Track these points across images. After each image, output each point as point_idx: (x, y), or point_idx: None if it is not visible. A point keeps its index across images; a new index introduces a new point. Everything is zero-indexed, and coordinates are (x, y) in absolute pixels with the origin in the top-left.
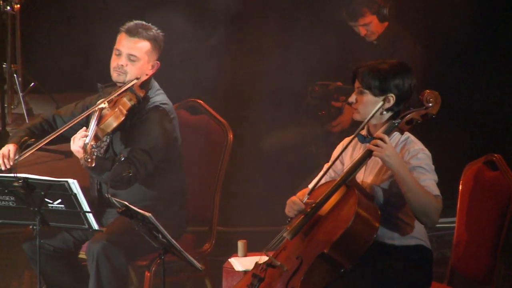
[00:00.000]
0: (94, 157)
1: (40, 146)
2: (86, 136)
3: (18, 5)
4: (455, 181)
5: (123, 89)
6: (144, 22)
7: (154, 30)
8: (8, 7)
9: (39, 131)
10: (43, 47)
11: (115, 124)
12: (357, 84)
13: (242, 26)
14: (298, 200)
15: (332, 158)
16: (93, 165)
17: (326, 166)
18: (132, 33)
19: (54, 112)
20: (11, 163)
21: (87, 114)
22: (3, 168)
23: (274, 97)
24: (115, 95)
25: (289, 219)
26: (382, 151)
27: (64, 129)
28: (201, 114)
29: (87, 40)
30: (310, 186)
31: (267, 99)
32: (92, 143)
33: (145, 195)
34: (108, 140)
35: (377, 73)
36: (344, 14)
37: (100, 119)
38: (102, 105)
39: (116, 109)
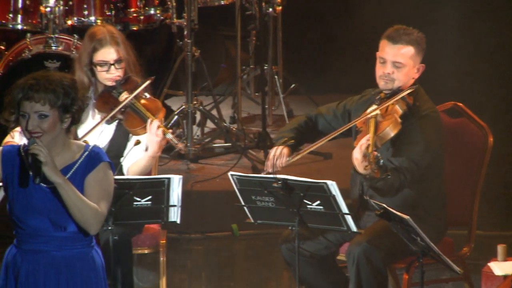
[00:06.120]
0: (379, 166)
1: (310, 150)
2: (368, 144)
3: (280, 7)
4: None
5: (400, 96)
6: (405, 26)
7: (416, 33)
8: (270, 9)
9: (305, 130)
10: (302, 49)
11: (392, 134)
12: None
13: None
14: None
15: None
16: (379, 175)
17: None
18: (394, 40)
19: (316, 111)
20: (283, 166)
21: (361, 120)
22: (270, 170)
23: None
24: (390, 102)
25: None
26: None
27: (338, 133)
28: (460, 117)
29: (346, 42)
30: None
31: None
32: (375, 152)
33: (406, 200)
34: None
35: None
36: None
37: (376, 127)
38: (377, 112)
39: (393, 118)
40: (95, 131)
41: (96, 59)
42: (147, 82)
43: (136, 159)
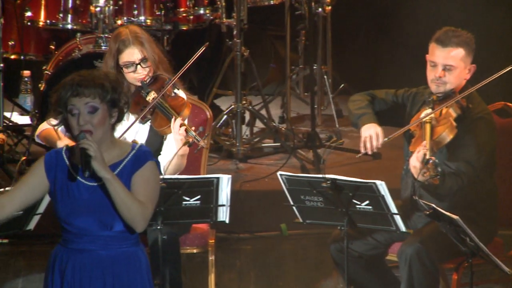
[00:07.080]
0: (437, 172)
1: (404, 130)
2: (426, 150)
3: (329, 7)
4: None
5: (455, 99)
6: (453, 28)
7: (465, 34)
8: (320, 9)
9: (373, 107)
10: (351, 48)
11: (449, 139)
12: None
13: None
14: None
15: None
16: (438, 182)
17: None
18: (444, 43)
19: (378, 94)
20: (379, 146)
21: (417, 123)
22: (369, 152)
23: None
24: (444, 106)
25: None
26: None
27: (405, 129)
28: (510, 118)
29: (396, 42)
30: None
31: None
32: (433, 158)
33: (457, 200)
34: None
35: None
36: None
37: (431, 132)
38: (432, 116)
39: (448, 122)
40: (130, 131)
41: (122, 60)
42: (182, 72)
43: (169, 158)
